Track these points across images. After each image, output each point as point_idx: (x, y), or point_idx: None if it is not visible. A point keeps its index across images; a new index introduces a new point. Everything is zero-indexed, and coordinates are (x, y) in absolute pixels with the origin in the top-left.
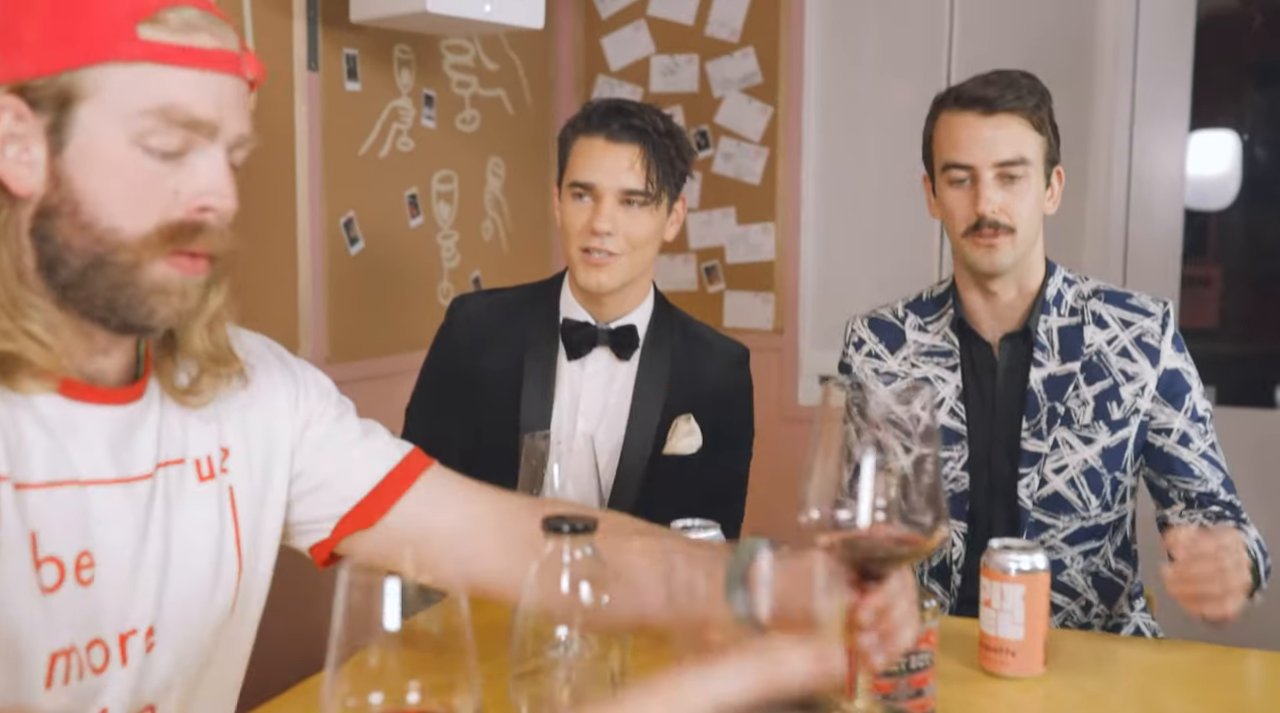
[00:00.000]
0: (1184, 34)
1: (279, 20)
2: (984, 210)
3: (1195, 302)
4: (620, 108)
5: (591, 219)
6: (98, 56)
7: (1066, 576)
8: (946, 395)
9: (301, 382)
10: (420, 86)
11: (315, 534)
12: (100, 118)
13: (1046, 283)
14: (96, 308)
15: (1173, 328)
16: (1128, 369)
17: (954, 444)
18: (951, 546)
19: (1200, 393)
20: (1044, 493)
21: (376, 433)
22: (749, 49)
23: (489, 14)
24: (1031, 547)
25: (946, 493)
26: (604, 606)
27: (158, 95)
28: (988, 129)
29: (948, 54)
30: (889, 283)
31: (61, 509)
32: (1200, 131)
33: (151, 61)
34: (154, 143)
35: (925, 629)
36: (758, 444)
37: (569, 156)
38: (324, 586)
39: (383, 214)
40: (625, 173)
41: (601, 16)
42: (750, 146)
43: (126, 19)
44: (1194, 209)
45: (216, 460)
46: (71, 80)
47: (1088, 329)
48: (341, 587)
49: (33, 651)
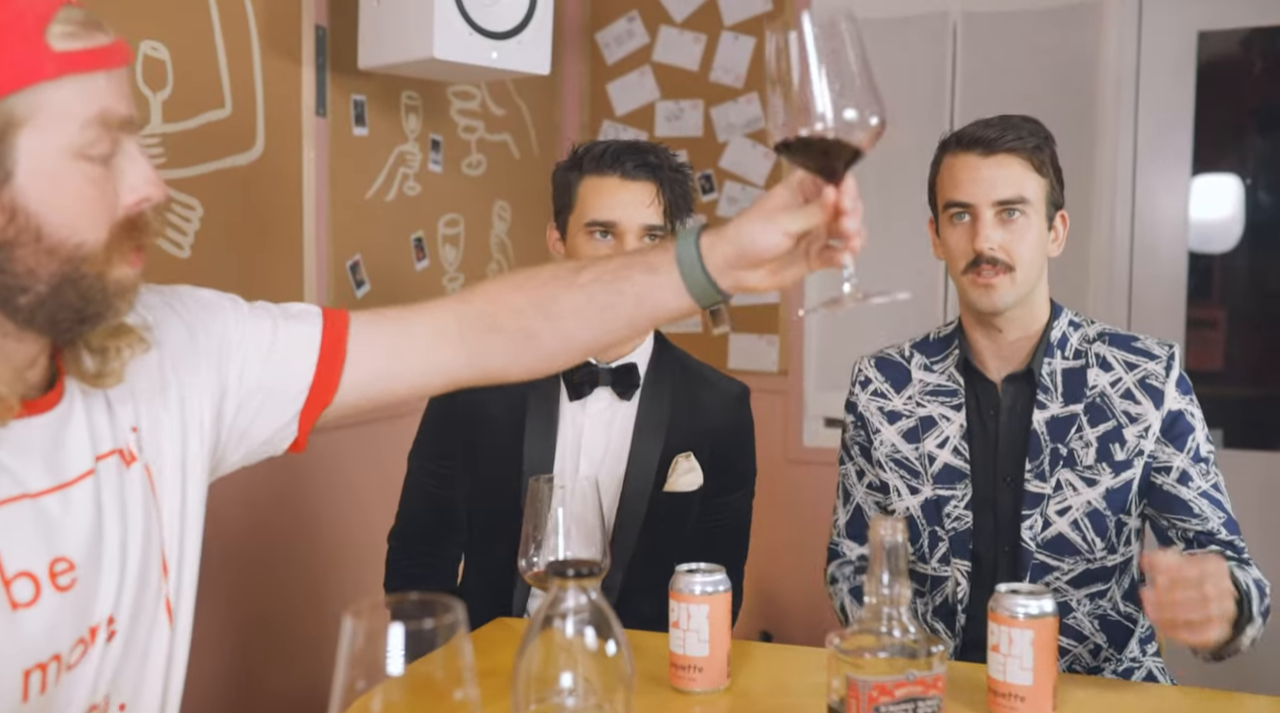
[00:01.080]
0: (1185, 79)
1: (288, 66)
2: (981, 247)
3: (1201, 344)
4: (633, 147)
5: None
6: (23, 81)
7: (1073, 619)
8: (951, 434)
9: (195, 323)
10: (427, 131)
11: (286, 438)
12: (42, 140)
13: (1051, 325)
14: (62, 321)
15: (1178, 370)
16: (1131, 411)
17: (958, 483)
18: (956, 585)
19: (1205, 435)
20: (1047, 535)
21: (279, 317)
22: (753, 94)
23: (495, 60)
24: (1040, 591)
25: (950, 531)
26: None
27: (92, 103)
28: (987, 168)
29: (950, 99)
30: (893, 325)
31: (20, 524)
32: (1203, 175)
33: (74, 73)
34: (94, 151)
35: (933, 675)
36: (762, 486)
37: (577, 197)
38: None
39: (389, 257)
40: (645, 209)
41: (607, 62)
42: (754, 190)
43: (34, 35)
44: (1198, 252)
45: (133, 442)
46: (4, 109)
47: (1091, 371)
48: (345, 631)
49: (5, 671)
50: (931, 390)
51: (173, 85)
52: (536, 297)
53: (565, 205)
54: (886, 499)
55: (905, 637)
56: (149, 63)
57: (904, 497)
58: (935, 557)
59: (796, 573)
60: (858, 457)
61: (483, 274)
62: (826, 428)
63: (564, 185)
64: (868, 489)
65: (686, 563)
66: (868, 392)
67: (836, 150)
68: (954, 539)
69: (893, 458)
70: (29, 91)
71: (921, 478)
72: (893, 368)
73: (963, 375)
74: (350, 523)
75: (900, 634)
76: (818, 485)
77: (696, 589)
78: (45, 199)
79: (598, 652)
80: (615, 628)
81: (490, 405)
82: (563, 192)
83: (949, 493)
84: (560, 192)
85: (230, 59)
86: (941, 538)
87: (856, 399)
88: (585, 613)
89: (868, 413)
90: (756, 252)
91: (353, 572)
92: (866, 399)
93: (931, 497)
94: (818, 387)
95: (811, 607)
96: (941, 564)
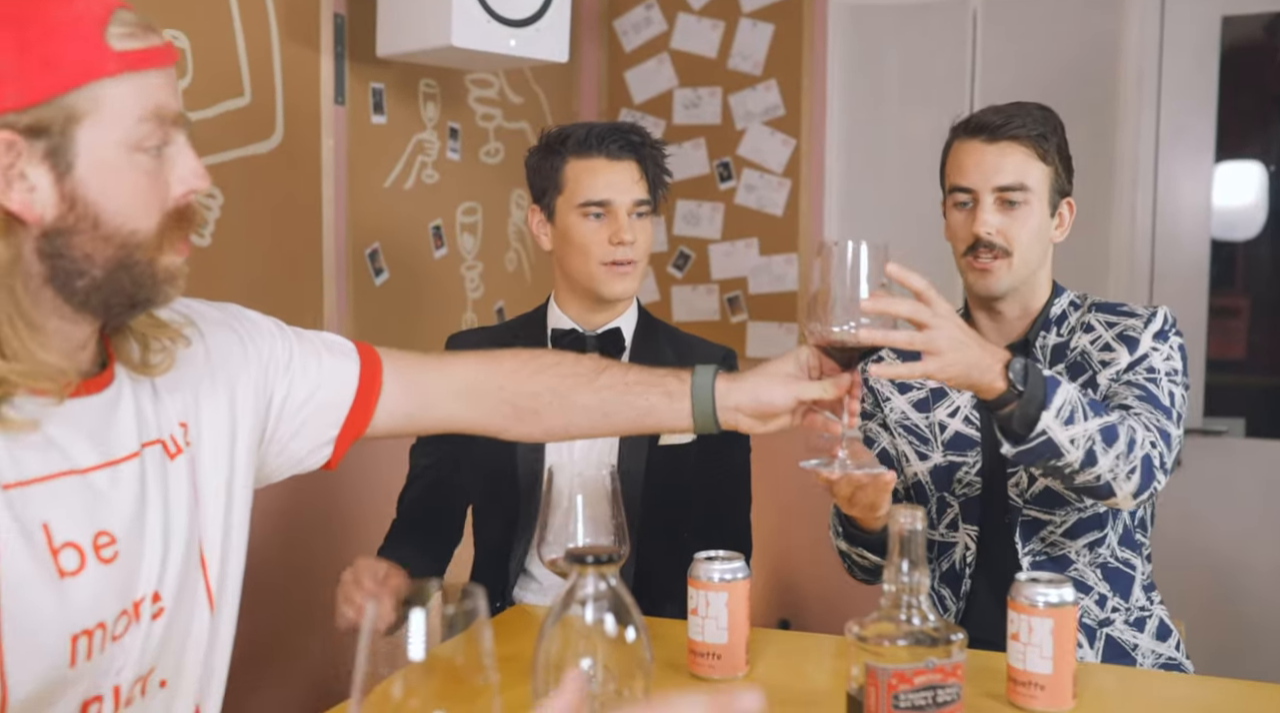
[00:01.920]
0: (1208, 65)
1: (306, 55)
2: (979, 231)
3: (1223, 333)
4: (614, 128)
5: (613, 233)
6: (85, 77)
7: (1075, 571)
8: (962, 404)
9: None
10: (445, 120)
11: (321, 458)
12: (102, 133)
13: (1051, 302)
14: (115, 305)
15: (1158, 324)
16: (1106, 358)
17: (969, 450)
18: (965, 549)
19: (1166, 364)
20: (1035, 490)
21: (324, 349)
22: (771, 82)
23: (513, 48)
24: (1060, 580)
25: (960, 497)
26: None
27: (148, 101)
28: (990, 155)
29: (970, 86)
30: None
31: (68, 498)
32: (1226, 162)
33: (131, 70)
34: (148, 144)
35: (953, 663)
36: (779, 475)
37: (565, 179)
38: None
39: (407, 245)
40: (633, 186)
41: (625, 50)
42: (773, 178)
43: (95, 35)
44: (1220, 240)
45: (179, 436)
46: (67, 103)
47: (1075, 336)
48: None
49: (54, 635)
50: None
51: (193, 74)
52: (554, 386)
53: (550, 188)
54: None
55: (925, 625)
56: None
57: (912, 462)
58: (944, 523)
59: (814, 561)
60: (868, 422)
61: (500, 262)
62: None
63: (547, 169)
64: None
65: (705, 551)
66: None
67: (864, 350)
68: (964, 505)
69: (902, 424)
70: (90, 88)
71: (931, 445)
72: None
73: None
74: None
75: (920, 622)
76: None
77: (715, 577)
78: (103, 189)
79: (617, 638)
80: (634, 615)
81: None
82: (546, 175)
83: (960, 459)
84: (542, 175)
85: (249, 48)
86: (950, 504)
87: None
88: (604, 599)
89: (877, 383)
90: (769, 407)
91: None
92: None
93: (942, 463)
94: None
95: (830, 595)
96: (950, 530)
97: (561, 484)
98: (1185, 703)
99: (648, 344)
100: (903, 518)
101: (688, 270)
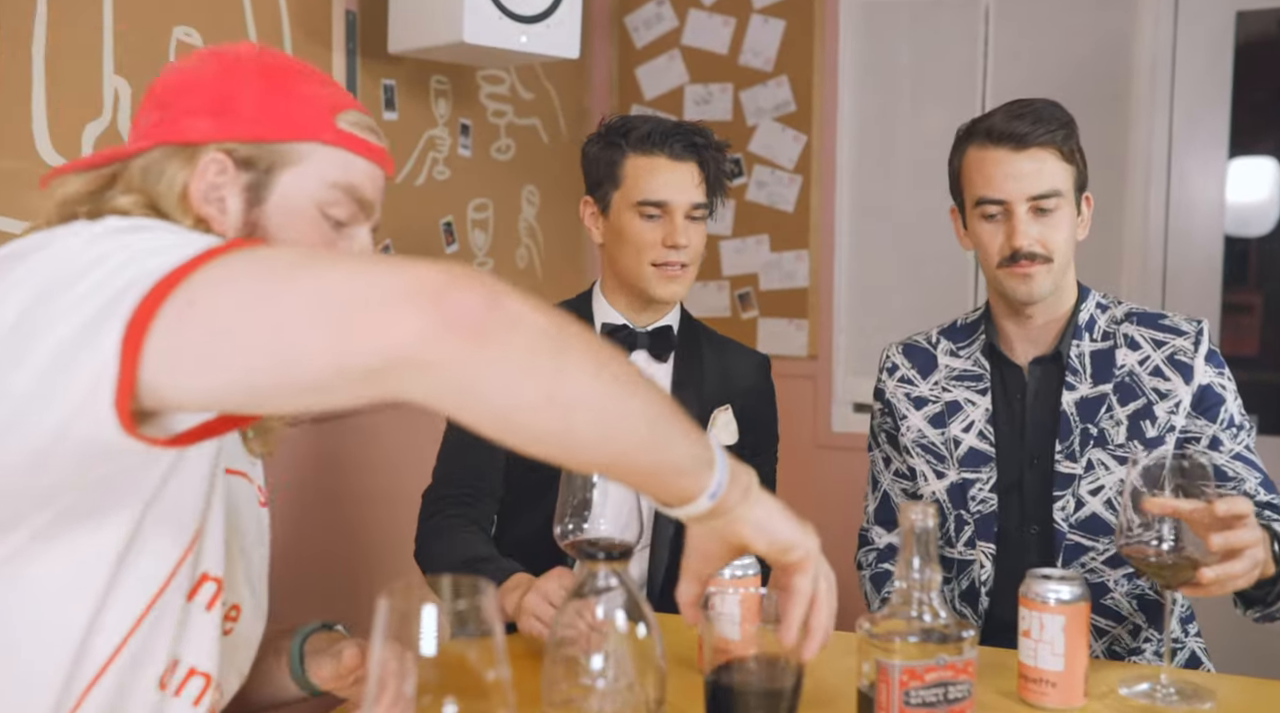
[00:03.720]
0: (1223, 60)
1: (318, 51)
2: (1020, 244)
3: (1236, 329)
4: (679, 127)
5: (667, 235)
6: (307, 135)
7: (1110, 599)
8: (976, 419)
9: None
10: (456, 116)
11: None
12: (299, 183)
13: (1079, 308)
14: None
15: (1206, 345)
16: (1161, 387)
17: (983, 466)
18: (981, 568)
19: (1237, 405)
20: (1080, 515)
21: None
22: (782, 78)
23: (525, 44)
24: (1071, 576)
25: (975, 515)
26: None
27: (345, 174)
28: (1020, 164)
29: (982, 81)
30: (923, 309)
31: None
32: (1240, 158)
33: (345, 148)
34: (332, 211)
35: (964, 659)
36: (790, 471)
37: (624, 175)
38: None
39: (419, 242)
40: (693, 189)
41: (636, 46)
42: (784, 174)
43: (327, 111)
44: (1234, 236)
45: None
46: (281, 150)
47: (1119, 352)
48: (379, 612)
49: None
50: (957, 375)
51: None
52: None
53: (607, 181)
54: (913, 485)
55: (935, 621)
56: (182, 48)
57: (930, 482)
58: (961, 540)
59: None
60: (884, 444)
61: (511, 259)
62: (855, 413)
63: (606, 161)
64: (894, 476)
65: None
66: (895, 378)
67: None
68: (979, 523)
69: (919, 443)
70: (305, 144)
71: (947, 462)
72: (919, 354)
73: (988, 360)
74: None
75: (930, 619)
76: (847, 471)
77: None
78: (280, 227)
79: (628, 634)
80: (646, 611)
81: None
82: (604, 167)
83: (974, 476)
84: (600, 166)
85: (261, 44)
86: (967, 521)
87: (884, 386)
88: (616, 595)
89: (894, 400)
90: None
91: (384, 552)
92: (894, 386)
93: (957, 481)
94: (847, 371)
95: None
96: (967, 548)
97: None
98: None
99: (690, 346)
100: (914, 515)
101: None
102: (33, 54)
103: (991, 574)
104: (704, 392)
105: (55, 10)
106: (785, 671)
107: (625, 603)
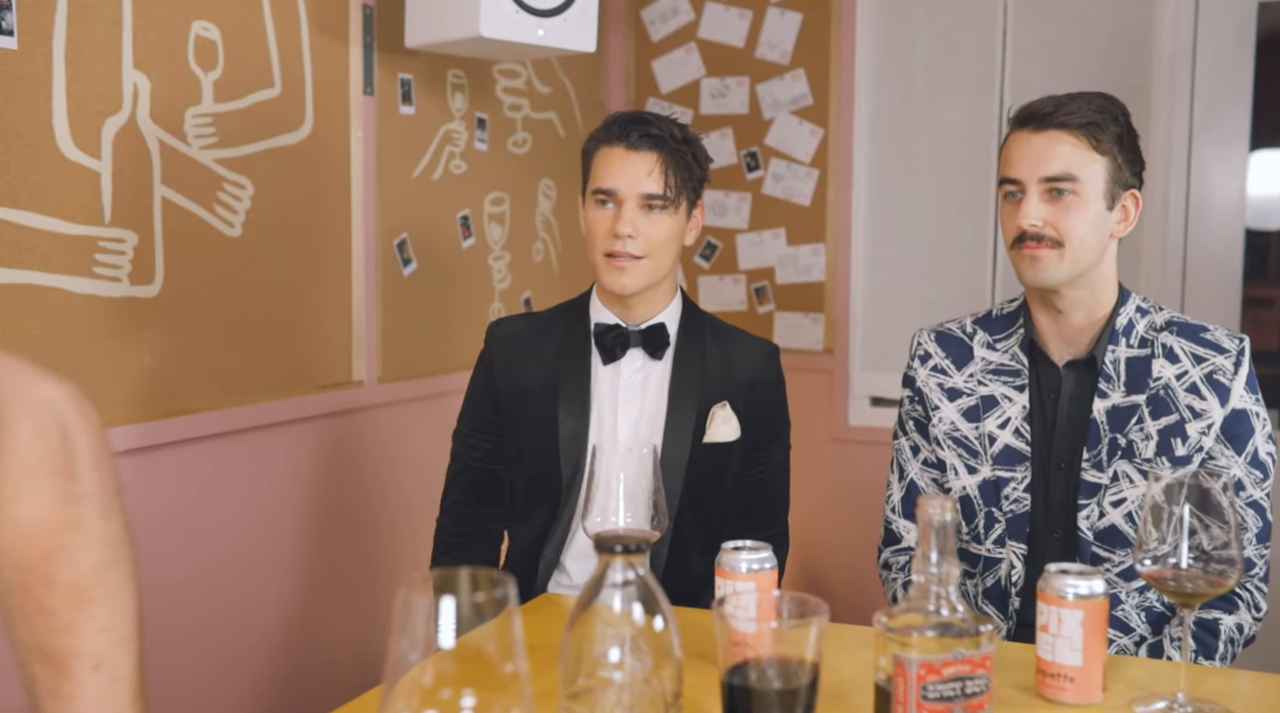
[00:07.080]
0: (1245, 52)
1: (335, 46)
2: (1021, 223)
3: (1256, 323)
4: (640, 118)
5: (614, 224)
6: None
7: (1121, 611)
8: (1013, 415)
9: None
10: (473, 110)
11: None
12: None
13: (1118, 311)
14: None
15: (1247, 367)
16: (1195, 405)
17: (1018, 465)
18: (1011, 568)
19: (1266, 438)
20: (1101, 525)
21: None
22: (799, 71)
23: (542, 38)
24: (1090, 571)
25: (1008, 514)
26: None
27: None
28: (1036, 144)
29: (1000, 74)
30: (940, 303)
31: None
32: (1261, 151)
33: None
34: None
35: (981, 654)
36: (807, 465)
37: (591, 166)
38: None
39: (435, 235)
40: (645, 178)
41: (652, 39)
42: (800, 168)
43: None
44: (1255, 229)
45: None
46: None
47: (1156, 362)
48: (398, 605)
49: None
50: (994, 369)
51: (223, 65)
52: None
53: (584, 174)
54: (942, 477)
55: (953, 616)
56: (200, 43)
57: (961, 476)
58: (990, 538)
59: (841, 552)
60: (913, 432)
61: (528, 252)
62: (872, 407)
63: (585, 155)
64: (923, 466)
65: (732, 540)
66: (927, 367)
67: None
68: (1011, 522)
69: (951, 436)
70: None
71: (981, 458)
72: (954, 343)
73: (1027, 356)
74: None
75: (948, 613)
76: (864, 465)
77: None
78: None
79: (645, 627)
80: (663, 604)
81: (525, 376)
82: (586, 161)
83: (1009, 475)
84: (584, 162)
85: (279, 39)
86: (998, 519)
87: (915, 373)
88: (633, 588)
89: (926, 389)
90: None
91: (403, 545)
92: (926, 374)
93: (990, 478)
94: (863, 366)
95: (857, 585)
96: (996, 546)
97: (603, 460)
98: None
99: (692, 338)
100: (932, 508)
101: (715, 260)
102: (53, 49)
103: (1022, 574)
104: (704, 387)
105: (75, 6)
106: (802, 669)
107: (642, 596)
